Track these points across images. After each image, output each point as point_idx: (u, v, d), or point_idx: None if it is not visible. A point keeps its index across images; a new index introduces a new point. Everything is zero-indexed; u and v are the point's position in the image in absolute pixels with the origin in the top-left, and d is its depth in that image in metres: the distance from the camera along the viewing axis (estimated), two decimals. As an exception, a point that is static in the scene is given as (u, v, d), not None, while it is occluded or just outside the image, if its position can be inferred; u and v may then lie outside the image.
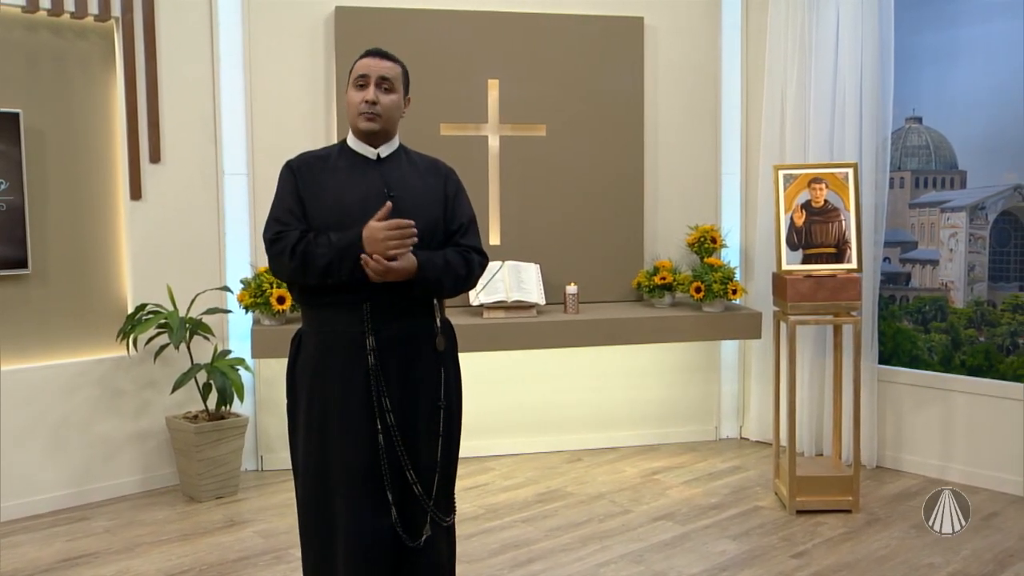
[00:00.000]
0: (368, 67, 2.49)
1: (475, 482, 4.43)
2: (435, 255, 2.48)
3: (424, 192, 2.55)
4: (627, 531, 3.79)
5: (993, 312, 4.28)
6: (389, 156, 2.57)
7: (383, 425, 2.43)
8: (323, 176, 2.50)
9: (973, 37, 4.28)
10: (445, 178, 2.62)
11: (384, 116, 2.50)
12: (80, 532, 3.84)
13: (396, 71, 2.53)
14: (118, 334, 4.14)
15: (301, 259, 2.39)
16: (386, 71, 2.49)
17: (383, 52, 2.53)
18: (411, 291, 2.43)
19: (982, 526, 3.80)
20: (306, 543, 2.56)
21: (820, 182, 3.98)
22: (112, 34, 4.25)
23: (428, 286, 2.45)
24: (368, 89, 2.47)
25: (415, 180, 2.56)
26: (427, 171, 2.61)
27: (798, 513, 3.94)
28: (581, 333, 4.43)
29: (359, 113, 2.48)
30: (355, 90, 2.50)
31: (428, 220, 2.51)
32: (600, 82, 4.83)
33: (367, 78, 2.48)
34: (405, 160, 2.59)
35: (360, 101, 2.48)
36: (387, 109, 2.50)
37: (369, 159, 2.54)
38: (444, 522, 2.57)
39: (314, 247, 2.39)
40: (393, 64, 2.53)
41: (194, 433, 4.12)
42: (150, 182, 4.32)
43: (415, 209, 2.47)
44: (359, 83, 2.49)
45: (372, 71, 2.48)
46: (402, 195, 2.48)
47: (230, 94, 4.47)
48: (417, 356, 2.50)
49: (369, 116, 2.48)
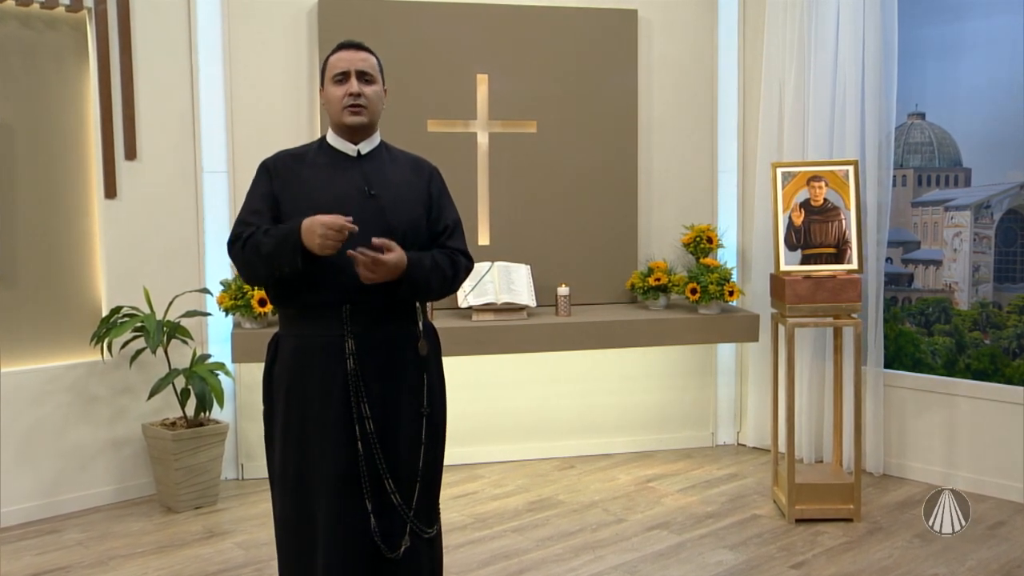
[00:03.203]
0: (346, 61, 2.50)
1: (464, 490, 4.42)
2: (423, 255, 2.49)
3: (406, 190, 2.56)
4: (621, 541, 3.78)
5: (999, 314, 4.27)
6: (370, 153, 2.57)
7: (364, 433, 2.43)
8: (300, 175, 2.51)
9: (978, 30, 4.26)
10: (429, 176, 2.63)
11: (370, 108, 2.51)
12: (51, 545, 3.79)
13: (373, 61, 2.55)
14: (92, 338, 4.10)
15: (251, 251, 2.41)
16: (364, 63, 2.51)
17: (358, 44, 2.55)
18: (397, 291, 2.43)
19: (988, 535, 3.77)
20: (283, 555, 2.56)
21: (820, 180, 3.97)
22: (84, 25, 4.21)
23: (415, 287, 2.45)
24: (350, 82, 2.48)
25: (397, 178, 2.56)
26: (410, 169, 2.62)
27: (797, 522, 3.92)
28: (573, 336, 4.42)
29: (344, 107, 2.48)
30: (335, 86, 2.51)
31: (410, 219, 2.52)
32: (593, 77, 4.83)
33: (347, 73, 2.49)
34: (387, 157, 2.60)
35: (343, 95, 2.48)
36: (371, 100, 2.51)
37: (349, 156, 2.55)
38: (425, 534, 2.56)
39: (260, 236, 2.40)
40: (369, 54, 2.55)
41: (172, 441, 4.09)
42: (125, 180, 4.28)
43: (396, 208, 2.49)
44: (338, 78, 2.50)
45: (351, 65, 2.49)
46: (383, 193, 2.50)
47: (209, 88, 4.44)
48: (398, 361, 2.50)
49: (355, 109, 2.48)
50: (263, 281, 2.49)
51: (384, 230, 2.42)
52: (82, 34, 4.21)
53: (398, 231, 2.45)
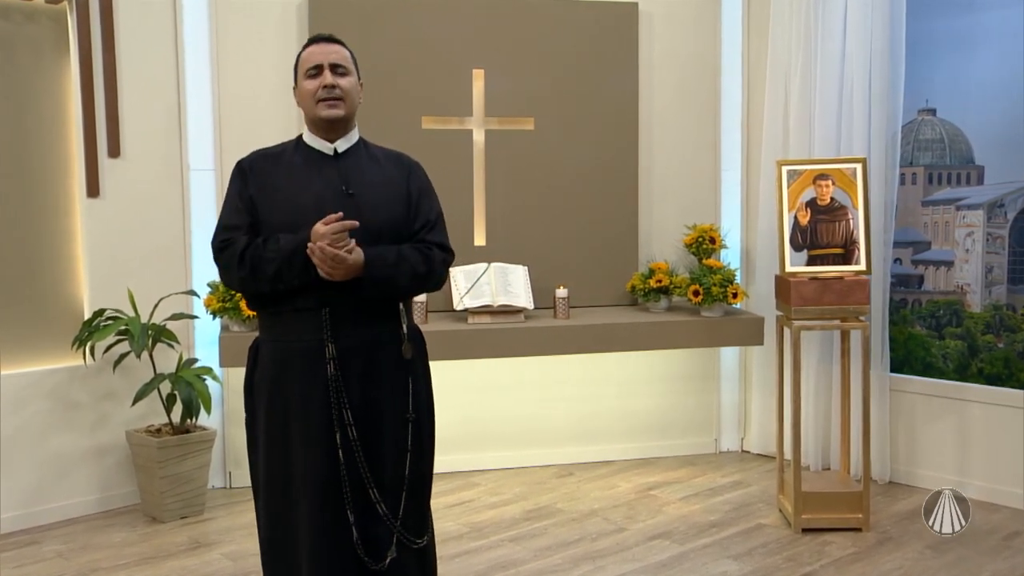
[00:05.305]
0: (318, 55, 2.50)
1: (459, 498, 4.41)
2: (387, 250, 2.47)
3: (385, 188, 2.55)
4: (621, 551, 3.76)
5: (1013, 317, 4.25)
6: (347, 151, 2.57)
7: (346, 440, 2.43)
8: (276, 174, 2.51)
9: (991, 23, 4.24)
10: (409, 172, 2.63)
11: (346, 100, 2.51)
12: (29, 557, 3.75)
13: (345, 54, 2.55)
14: (74, 342, 4.07)
15: (250, 267, 2.41)
16: (337, 55, 2.52)
17: (329, 37, 2.56)
18: (361, 291, 2.41)
19: (1003, 546, 3.74)
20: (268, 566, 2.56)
21: (826, 178, 3.97)
22: (65, 17, 4.19)
23: (377, 284, 2.43)
24: (323, 75, 2.48)
25: (376, 176, 2.56)
26: (390, 165, 2.61)
27: (804, 531, 3.90)
28: (572, 339, 4.41)
29: (319, 100, 2.48)
30: (308, 80, 2.51)
31: (390, 217, 2.52)
32: (592, 72, 4.81)
33: (320, 66, 2.49)
34: (365, 154, 2.60)
35: (317, 88, 2.49)
36: (347, 92, 2.51)
37: (326, 155, 2.54)
38: (414, 544, 2.55)
39: (263, 252, 2.40)
40: (341, 47, 2.55)
41: (157, 448, 4.06)
42: (109, 178, 4.26)
43: (375, 207, 2.49)
44: (311, 73, 2.50)
45: (324, 58, 2.50)
46: (361, 192, 2.49)
47: (196, 84, 4.42)
48: (381, 365, 2.50)
49: (330, 102, 2.48)
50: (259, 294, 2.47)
51: (362, 229, 2.41)
52: (63, 27, 4.18)
53: (377, 230, 2.45)
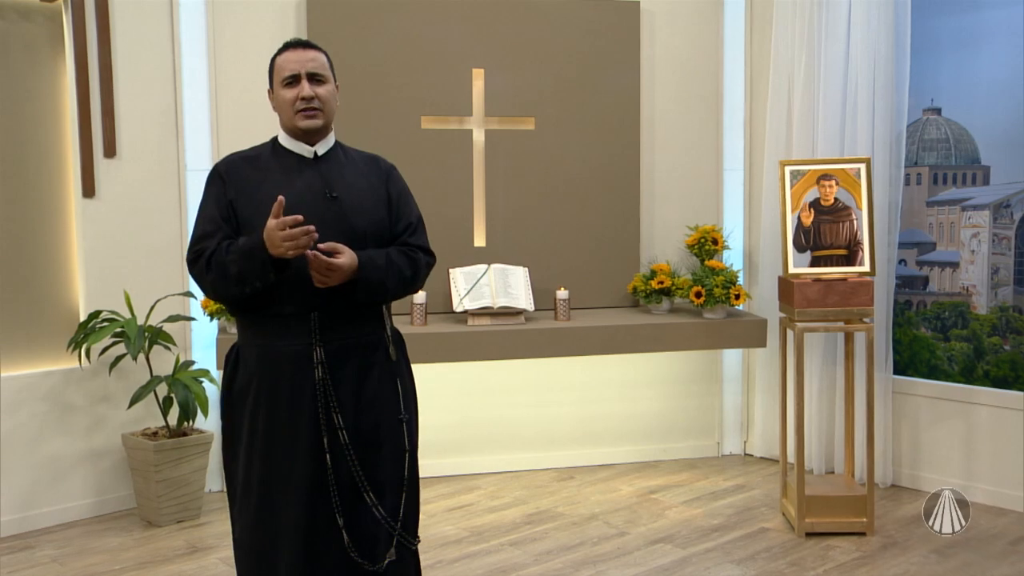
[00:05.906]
0: (294, 63, 2.47)
1: (459, 502, 4.39)
2: (376, 254, 2.46)
3: (367, 191, 2.54)
4: (623, 555, 3.75)
5: (1019, 319, 4.22)
6: (326, 154, 2.55)
7: (335, 444, 2.42)
8: (254, 178, 2.49)
9: (997, 20, 4.22)
10: (387, 175, 2.62)
11: (324, 110, 2.50)
12: (23, 563, 3.73)
13: (322, 60, 2.52)
14: (69, 344, 4.06)
15: (217, 270, 2.38)
16: (314, 63, 2.49)
17: (304, 42, 2.54)
18: (353, 294, 2.40)
19: (1009, 551, 3.72)
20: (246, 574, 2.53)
21: (830, 179, 3.96)
22: (60, 15, 4.18)
23: (371, 287, 2.42)
24: (301, 85, 2.46)
25: (356, 178, 2.55)
26: (367, 168, 2.60)
27: (807, 536, 3.88)
28: (573, 341, 4.40)
29: (297, 111, 2.47)
30: (285, 89, 2.48)
31: (373, 220, 2.51)
32: (593, 72, 4.80)
33: (297, 76, 2.47)
34: (343, 157, 2.58)
35: (295, 98, 2.46)
36: (325, 101, 2.50)
37: (305, 158, 2.52)
38: (412, 545, 2.56)
39: (224, 256, 2.37)
40: (317, 52, 2.52)
41: (153, 451, 4.05)
42: (104, 178, 4.25)
43: (359, 210, 2.48)
44: (287, 81, 2.48)
45: (300, 67, 2.47)
46: (344, 194, 2.48)
47: (192, 82, 4.42)
48: (370, 368, 2.50)
49: (309, 113, 2.46)
50: (234, 299, 2.43)
51: (347, 232, 2.42)
52: (58, 25, 4.18)
53: (361, 233, 2.44)
